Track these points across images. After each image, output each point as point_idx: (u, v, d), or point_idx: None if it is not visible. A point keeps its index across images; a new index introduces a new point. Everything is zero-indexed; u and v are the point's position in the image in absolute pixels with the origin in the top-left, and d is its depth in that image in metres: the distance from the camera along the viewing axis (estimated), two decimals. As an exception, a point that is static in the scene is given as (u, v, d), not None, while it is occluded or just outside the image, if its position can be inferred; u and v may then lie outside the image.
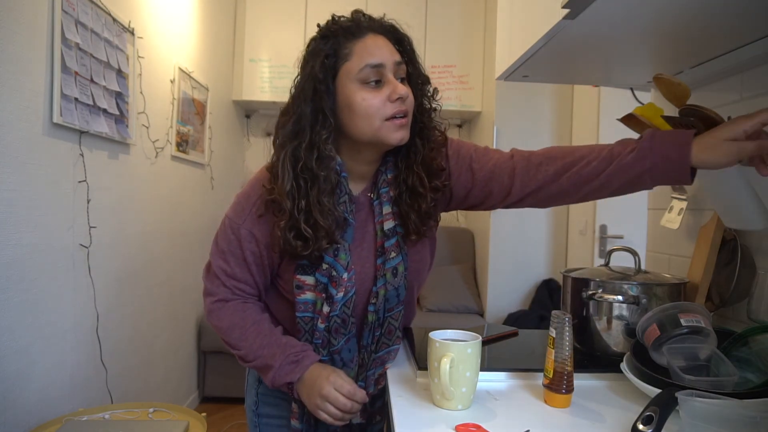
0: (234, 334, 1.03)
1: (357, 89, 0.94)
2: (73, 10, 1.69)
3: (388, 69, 0.95)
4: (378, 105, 0.94)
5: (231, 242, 1.03)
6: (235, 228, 1.02)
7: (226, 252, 1.03)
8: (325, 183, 0.95)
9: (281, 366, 0.98)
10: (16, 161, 1.48)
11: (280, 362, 0.98)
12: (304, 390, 0.99)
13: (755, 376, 0.87)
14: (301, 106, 0.96)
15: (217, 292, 1.06)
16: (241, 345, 1.03)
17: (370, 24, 0.98)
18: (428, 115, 1.04)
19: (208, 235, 3.21)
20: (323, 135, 0.95)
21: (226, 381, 3.11)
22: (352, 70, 0.94)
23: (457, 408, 0.84)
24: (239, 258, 1.03)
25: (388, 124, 0.95)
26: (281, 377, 0.99)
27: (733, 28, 0.92)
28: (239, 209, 1.03)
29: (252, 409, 1.17)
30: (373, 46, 0.95)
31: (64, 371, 1.72)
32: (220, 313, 1.05)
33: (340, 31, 0.96)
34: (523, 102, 3.30)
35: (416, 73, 1.02)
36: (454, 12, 3.64)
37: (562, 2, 0.85)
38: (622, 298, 1.05)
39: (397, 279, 1.02)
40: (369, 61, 0.94)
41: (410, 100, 0.97)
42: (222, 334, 1.05)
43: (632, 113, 1.04)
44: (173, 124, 2.62)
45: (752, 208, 0.95)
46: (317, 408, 0.97)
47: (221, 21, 3.39)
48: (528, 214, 3.31)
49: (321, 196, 0.95)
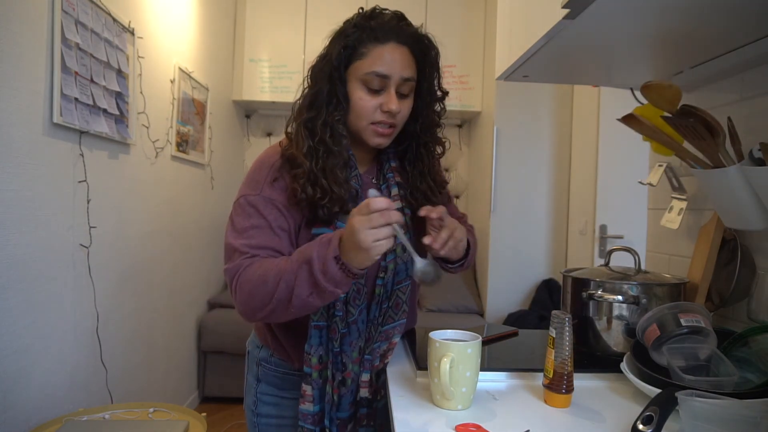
0: (269, 276, 0.93)
1: (358, 87, 1.02)
2: (73, 10, 1.69)
3: (392, 81, 1.01)
4: (370, 109, 1.02)
5: (250, 216, 1.00)
6: (252, 200, 1.01)
7: (248, 228, 1.00)
8: (338, 157, 1.02)
9: (318, 252, 0.89)
10: (16, 161, 1.48)
11: (316, 251, 0.89)
12: (352, 252, 0.87)
13: (755, 376, 0.87)
14: (319, 82, 1.03)
15: (242, 263, 0.97)
16: (277, 279, 0.92)
17: (399, 32, 1.02)
18: (430, 131, 1.12)
19: (208, 235, 3.23)
20: (336, 116, 1.02)
21: (226, 381, 3.11)
22: (360, 69, 1.01)
23: (457, 408, 0.84)
24: (263, 227, 1.00)
25: (372, 128, 1.04)
26: (324, 258, 0.88)
27: (733, 28, 0.92)
28: (252, 184, 1.03)
29: (251, 409, 1.18)
30: (387, 56, 1.01)
31: (64, 371, 1.72)
32: (248, 274, 0.95)
33: (368, 28, 1.02)
34: (523, 102, 3.30)
35: (427, 90, 1.09)
36: (454, 12, 3.64)
37: (562, 2, 0.85)
38: (622, 298, 1.05)
39: (406, 254, 1.08)
40: (376, 70, 1.00)
41: (402, 115, 1.05)
42: (258, 291, 0.94)
43: (632, 113, 1.04)
44: (173, 124, 2.62)
45: (752, 208, 0.95)
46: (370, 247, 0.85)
47: (221, 21, 3.39)
48: (528, 214, 3.31)
49: (335, 168, 1.01)
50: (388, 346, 1.04)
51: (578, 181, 3.15)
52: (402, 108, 1.04)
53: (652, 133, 1.02)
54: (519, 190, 3.31)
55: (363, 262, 0.88)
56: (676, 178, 1.30)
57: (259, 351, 1.18)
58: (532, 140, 3.31)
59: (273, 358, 1.15)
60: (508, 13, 1.27)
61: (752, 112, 1.08)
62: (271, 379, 1.16)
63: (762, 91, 1.05)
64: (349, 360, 1.03)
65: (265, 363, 1.16)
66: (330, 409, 1.02)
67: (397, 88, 1.02)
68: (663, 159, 1.34)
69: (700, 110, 0.91)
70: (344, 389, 1.03)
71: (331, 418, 1.02)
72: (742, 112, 1.09)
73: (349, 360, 1.03)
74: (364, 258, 0.87)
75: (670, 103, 0.94)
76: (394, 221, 0.86)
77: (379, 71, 1.00)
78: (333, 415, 1.02)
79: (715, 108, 1.14)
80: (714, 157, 0.96)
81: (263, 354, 1.17)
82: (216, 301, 3.31)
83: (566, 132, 3.29)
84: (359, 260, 0.87)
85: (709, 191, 1.04)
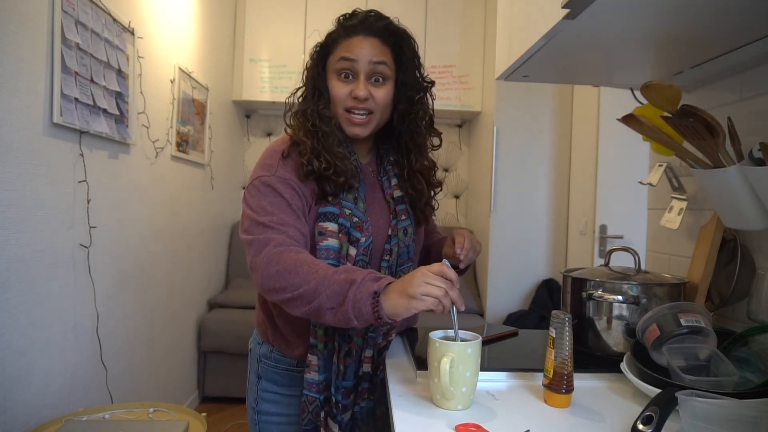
0: (302, 270, 0.94)
1: (332, 78, 1.11)
2: (73, 10, 1.69)
3: (360, 66, 1.08)
4: (342, 96, 1.09)
5: (267, 195, 1.04)
6: (267, 180, 1.05)
7: (266, 206, 1.03)
8: (332, 135, 1.09)
9: (364, 280, 0.90)
10: (16, 161, 1.48)
11: (362, 277, 0.90)
12: (394, 294, 0.88)
13: (755, 376, 0.87)
14: (306, 81, 1.14)
15: (272, 239, 0.99)
16: (310, 278, 0.93)
17: (366, 25, 1.10)
18: (414, 121, 1.15)
19: (208, 235, 3.23)
20: (320, 105, 1.11)
21: (226, 381, 3.11)
22: (332, 61, 1.11)
23: (457, 408, 0.84)
24: (281, 204, 1.03)
25: (347, 116, 1.10)
26: (365, 288, 0.89)
27: (733, 28, 0.93)
28: (265, 167, 1.08)
29: (252, 407, 1.19)
30: (354, 45, 1.08)
31: (64, 371, 1.72)
32: (281, 257, 0.96)
33: (341, 26, 1.11)
34: (523, 102, 3.30)
35: (407, 80, 1.13)
36: (454, 12, 3.64)
37: (562, 2, 0.85)
38: (622, 298, 1.05)
39: (407, 238, 1.15)
40: (342, 55, 1.09)
41: (377, 102, 1.10)
42: (285, 275, 0.95)
43: (632, 113, 1.04)
44: (173, 124, 2.62)
45: (752, 208, 0.95)
46: (416, 296, 0.86)
47: (221, 21, 3.39)
48: (528, 214, 3.31)
49: (333, 146, 1.07)
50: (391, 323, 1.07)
51: (578, 181, 3.15)
52: (375, 95, 1.09)
53: (652, 133, 1.02)
54: (519, 190, 3.31)
55: (398, 308, 0.87)
56: (676, 178, 1.30)
57: (260, 348, 1.20)
58: (532, 140, 3.31)
59: (273, 353, 1.17)
60: (508, 13, 1.27)
61: (752, 112, 1.08)
62: (271, 376, 1.17)
63: (762, 91, 1.05)
64: (354, 332, 1.06)
65: (266, 359, 1.18)
66: (336, 378, 1.06)
67: (369, 74, 1.09)
68: (663, 159, 1.34)
69: (700, 110, 0.91)
70: (349, 359, 1.07)
71: (337, 386, 1.06)
72: (742, 112, 1.09)
73: (354, 332, 1.06)
74: (403, 305, 0.87)
75: (670, 103, 0.94)
76: (454, 297, 0.87)
77: (346, 56, 1.08)
78: (339, 384, 1.06)
79: (715, 108, 1.14)
80: (714, 157, 0.96)
81: (264, 350, 1.18)
82: (216, 301, 3.31)
83: (566, 132, 3.29)
84: (397, 306, 0.87)
85: (709, 191, 1.04)
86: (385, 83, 1.10)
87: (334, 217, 1.06)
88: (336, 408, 1.05)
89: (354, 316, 0.89)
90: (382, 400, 1.06)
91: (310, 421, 1.06)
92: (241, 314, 3.09)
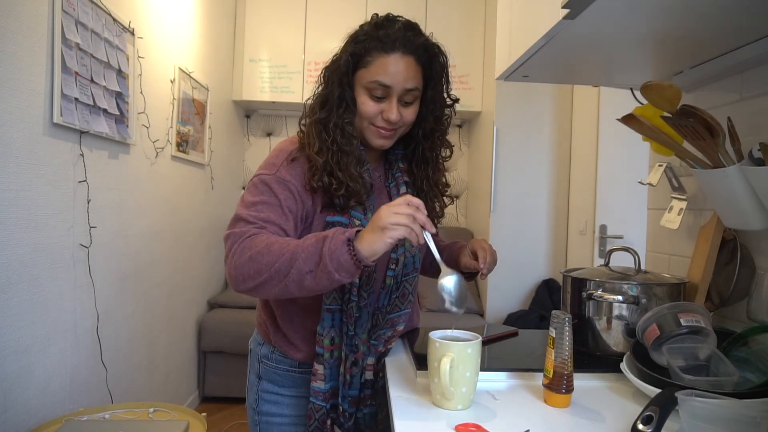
0: (274, 247, 0.92)
1: (362, 92, 1.06)
2: (73, 10, 1.69)
3: (394, 91, 1.05)
4: (371, 114, 1.06)
5: (262, 193, 1.02)
6: (266, 179, 1.03)
7: (257, 202, 1.01)
8: (351, 155, 1.06)
9: (335, 234, 0.90)
10: (16, 161, 1.48)
11: (333, 232, 0.91)
12: (366, 234, 0.89)
13: (755, 376, 0.87)
14: (331, 85, 1.07)
15: (248, 231, 0.97)
16: (282, 252, 0.91)
17: (405, 42, 1.04)
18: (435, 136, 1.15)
19: (208, 235, 3.23)
20: (346, 119, 1.06)
21: (226, 381, 3.11)
22: (365, 77, 1.05)
23: (457, 408, 0.84)
24: (272, 204, 1.01)
25: (373, 129, 1.08)
26: (337, 239, 0.89)
27: (733, 28, 0.93)
28: (269, 166, 1.06)
29: (252, 407, 1.19)
30: (391, 67, 1.03)
31: (64, 371, 1.72)
32: (253, 242, 0.95)
33: (376, 37, 1.04)
34: (523, 102, 3.30)
35: (433, 97, 1.12)
36: (454, 12, 3.64)
37: (562, 2, 0.85)
38: (622, 298, 1.05)
39: (414, 248, 1.14)
40: (379, 80, 1.04)
41: (404, 121, 1.08)
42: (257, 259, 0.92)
43: (632, 113, 1.04)
44: (173, 124, 2.62)
45: (752, 208, 0.95)
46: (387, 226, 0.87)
47: (221, 21, 3.39)
48: (528, 214, 3.31)
49: (349, 165, 1.05)
50: (392, 332, 1.10)
51: (578, 181, 3.15)
52: (405, 115, 1.07)
53: (652, 133, 1.02)
54: (519, 190, 3.31)
55: (374, 245, 0.88)
56: (676, 178, 1.30)
57: (260, 348, 1.19)
58: (532, 140, 3.31)
59: (274, 354, 1.16)
60: (508, 13, 1.27)
61: (752, 112, 1.08)
62: (272, 377, 1.17)
63: (762, 91, 1.05)
64: (360, 342, 1.07)
65: (267, 360, 1.17)
66: (342, 387, 1.06)
67: (400, 97, 1.06)
68: (663, 159, 1.34)
69: (700, 110, 0.91)
70: (355, 369, 1.07)
71: (344, 395, 1.06)
72: (742, 112, 1.09)
73: (360, 342, 1.07)
74: (377, 240, 0.87)
75: (670, 103, 0.94)
76: (422, 220, 0.89)
77: (382, 81, 1.03)
78: (345, 393, 1.06)
79: (715, 108, 1.14)
80: (714, 157, 0.96)
81: (264, 351, 1.18)
82: (216, 301, 3.31)
83: (566, 132, 3.29)
84: (372, 242, 0.88)
85: (709, 191, 1.04)
86: (414, 104, 1.09)
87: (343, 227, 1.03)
88: (342, 416, 1.06)
89: (334, 269, 0.88)
90: (384, 405, 1.07)
91: (317, 428, 1.06)
92: (241, 314, 3.09)
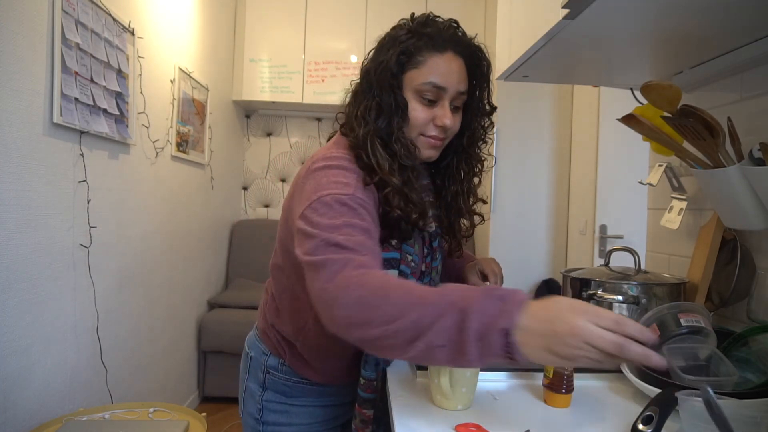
0: (392, 294, 0.71)
1: (412, 97, 0.96)
2: (73, 10, 1.69)
3: (447, 94, 0.97)
4: (423, 120, 0.97)
5: (343, 214, 0.83)
6: (342, 199, 0.85)
7: (341, 226, 0.81)
8: (416, 170, 0.97)
9: (484, 306, 0.66)
10: (16, 161, 1.48)
11: (480, 302, 0.66)
12: (536, 338, 0.64)
13: (755, 376, 0.87)
14: (380, 92, 0.95)
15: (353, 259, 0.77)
16: (405, 307, 0.69)
17: (456, 40, 0.98)
18: (476, 146, 1.08)
19: (208, 235, 3.23)
20: (403, 127, 0.96)
21: (226, 381, 3.11)
22: (416, 78, 0.96)
23: (457, 408, 0.84)
24: (360, 227, 0.83)
25: (423, 140, 0.99)
26: (490, 323, 0.65)
27: (733, 28, 0.93)
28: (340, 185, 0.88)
29: (254, 417, 1.12)
30: (445, 67, 0.96)
31: (64, 371, 1.72)
32: (362, 279, 0.74)
33: (425, 35, 0.96)
34: (523, 102, 3.30)
35: (477, 103, 1.05)
36: (454, 12, 3.60)
37: (562, 2, 0.85)
38: (622, 298, 1.05)
39: (437, 276, 1.09)
40: (433, 81, 0.95)
41: (452, 130, 1.00)
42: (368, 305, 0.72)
43: (632, 113, 1.04)
44: (173, 124, 2.62)
45: (752, 208, 0.95)
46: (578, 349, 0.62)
47: (221, 21, 3.39)
48: (528, 214, 3.31)
49: (417, 183, 0.96)
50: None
51: (578, 181, 3.15)
52: (455, 123, 1.00)
53: (652, 133, 1.02)
54: (519, 190, 3.31)
55: (542, 356, 0.64)
56: (676, 178, 1.30)
57: (266, 358, 1.12)
58: (532, 140, 3.31)
59: (284, 366, 1.10)
60: (508, 13, 1.27)
61: (752, 112, 1.08)
62: (279, 388, 1.11)
63: (762, 91, 1.05)
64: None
65: (275, 371, 1.11)
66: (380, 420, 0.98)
67: (451, 101, 0.98)
68: (663, 159, 1.34)
69: (700, 110, 0.91)
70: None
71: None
72: (742, 112, 1.09)
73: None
74: (550, 355, 0.63)
75: (670, 103, 0.94)
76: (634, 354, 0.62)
77: (437, 82, 0.95)
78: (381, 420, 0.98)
79: (715, 108, 1.14)
80: (714, 157, 0.96)
81: (272, 362, 1.11)
82: (216, 301, 3.30)
83: (566, 132, 3.29)
84: (540, 350, 0.64)
85: (709, 191, 1.04)
86: (461, 109, 1.02)
87: (396, 263, 0.96)
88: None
89: (477, 357, 0.66)
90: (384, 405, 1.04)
91: None
92: (241, 314, 3.09)
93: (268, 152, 4.02)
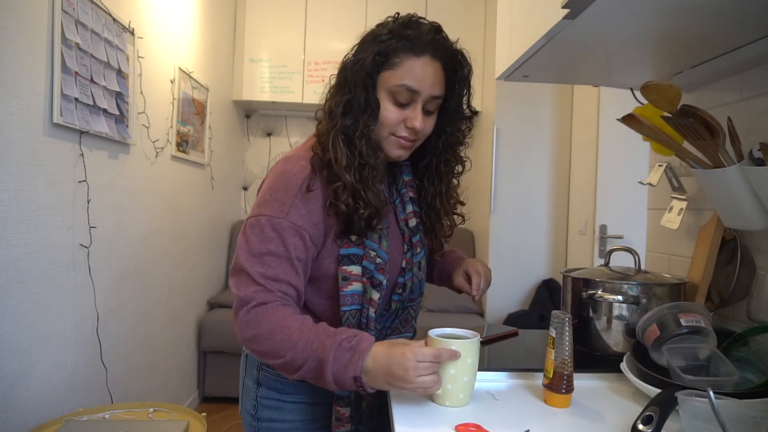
0: (276, 336, 0.89)
1: (385, 97, 0.98)
2: (73, 10, 1.69)
3: (420, 97, 0.97)
4: (394, 121, 0.98)
5: (271, 240, 0.94)
6: (277, 224, 0.94)
7: (265, 254, 0.94)
8: (376, 170, 0.98)
9: (336, 357, 0.85)
10: (16, 161, 1.48)
11: (333, 353, 0.85)
12: (378, 378, 0.84)
13: (755, 376, 0.87)
14: (353, 88, 0.97)
15: (254, 297, 0.93)
16: (284, 347, 0.89)
17: (435, 45, 0.98)
18: (452, 149, 1.09)
19: (208, 235, 3.23)
20: (371, 126, 0.97)
21: (226, 381, 3.11)
22: (391, 79, 0.97)
23: (455, 405, 0.85)
24: (281, 256, 0.94)
25: (393, 139, 1.00)
26: (340, 371, 0.85)
27: (733, 28, 0.93)
28: (278, 204, 0.95)
29: (250, 413, 1.14)
30: (420, 71, 0.96)
31: (64, 371, 1.72)
32: (258, 318, 0.92)
33: (404, 37, 0.97)
34: (523, 102, 3.29)
35: (455, 107, 1.05)
36: (454, 11, 3.63)
37: (562, 2, 0.85)
38: (622, 298, 1.05)
39: (421, 272, 1.11)
40: (407, 83, 0.96)
41: (424, 132, 1.01)
42: (261, 341, 0.92)
43: (632, 113, 1.04)
44: (173, 124, 2.62)
45: (752, 208, 0.95)
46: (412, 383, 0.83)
47: (221, 21, 3.39)
48: (528, 214, 3.31)
49: (374, 181, 0.97)
50: None
51: (578, 181, 3.15)
52: (425, 126, 1.01)
53: (652, 133, 1.02)
54: (519, 190, 3.31)
55: (385, 387, 0.86)
56: (676, 178, 1.30)
57: None
58: (532, 140, 3.31)
59: None
60: (508, 13, 1.27)
61: (752, 112, 1.08)
62: (272, 384, 1.12)
63: (762, 91, 1.05)
64: None
65: (267, 367, 1.12)
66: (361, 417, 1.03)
67: (424, 104, 0.99)
68: (663, 159, 1.34)
69: (700, 110, 0.91)
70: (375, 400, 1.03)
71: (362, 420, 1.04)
72: (742, 112, 1.09)
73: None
74: (391, 387, 0.85)
75: (670, 103, 0.94)
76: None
77: (410, 85, 0.96)
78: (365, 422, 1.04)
79: (715, 108, 1.14)
80: (714, 157, 0.96)
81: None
82: (216, 301, 3.31)
83: (566, 132, 3.29)
84: (383, 384, 0.85)
85: (709, 191, 1.04)
86: (434, 113, 1.03)
87: (358, 260, 0.99)
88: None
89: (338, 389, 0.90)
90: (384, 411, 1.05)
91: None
92: (241, 314, 3.09)
93: (268, 152, 4.02)
